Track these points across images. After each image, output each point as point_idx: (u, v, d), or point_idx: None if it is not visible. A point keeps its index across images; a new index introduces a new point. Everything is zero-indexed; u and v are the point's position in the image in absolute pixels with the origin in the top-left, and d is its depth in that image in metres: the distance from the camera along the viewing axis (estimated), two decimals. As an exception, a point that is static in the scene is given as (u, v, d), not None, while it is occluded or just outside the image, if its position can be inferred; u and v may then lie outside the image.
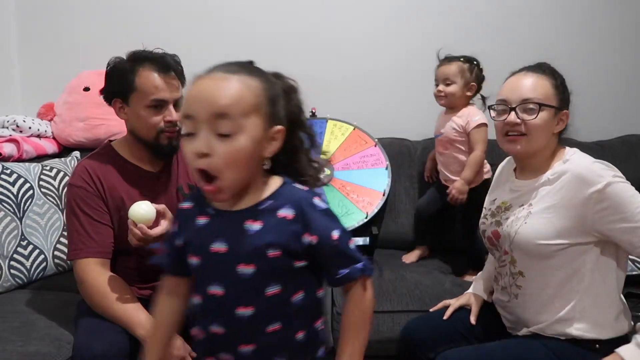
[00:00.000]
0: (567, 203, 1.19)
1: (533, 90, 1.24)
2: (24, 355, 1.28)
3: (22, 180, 1.82)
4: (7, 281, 1.71)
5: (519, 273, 1.29)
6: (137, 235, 1.26)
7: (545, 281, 1.24)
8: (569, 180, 1.20)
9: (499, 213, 1.35)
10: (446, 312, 1.43)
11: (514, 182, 1.34)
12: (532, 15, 2.38)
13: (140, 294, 1.44)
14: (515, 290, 1.31)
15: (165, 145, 1.43)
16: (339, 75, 2.45)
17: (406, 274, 1.81)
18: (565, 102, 1.27)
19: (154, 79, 1.38)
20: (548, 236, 1.20)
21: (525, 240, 1.23)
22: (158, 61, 1.40)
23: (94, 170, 1.43)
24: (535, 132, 1.23)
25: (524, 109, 1.23)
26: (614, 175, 1.16)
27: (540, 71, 1.27)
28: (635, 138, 2.26)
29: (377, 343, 1.59)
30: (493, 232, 1.35)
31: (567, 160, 1.24)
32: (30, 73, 2.46)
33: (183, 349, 1.30)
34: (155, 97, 1.38)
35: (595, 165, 1.19)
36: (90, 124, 2.22)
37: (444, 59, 1.93)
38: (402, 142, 2.29)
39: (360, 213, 2.04)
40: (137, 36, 2.36)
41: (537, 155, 1.27)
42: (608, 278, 1.24)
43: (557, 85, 1.26)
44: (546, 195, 1.23)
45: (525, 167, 1.32)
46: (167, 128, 1.41)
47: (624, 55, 2.40)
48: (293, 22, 2.42)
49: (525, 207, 1.26)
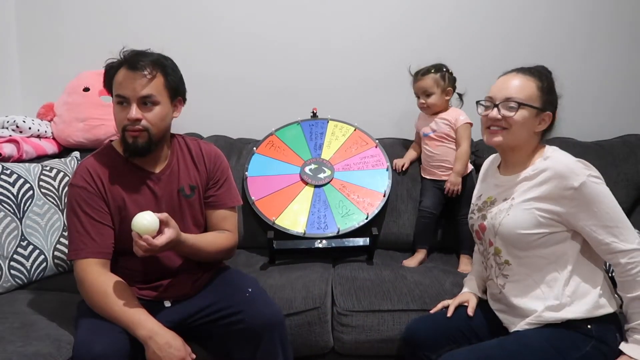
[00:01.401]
0: (546, 196, 1.28)
1: (517, 90, 1.32)
2: (24, 356, 1.27)
3: (22, 180, 1.82)
4: (7, 281, 1.71)
5: (505, 262, 1.37)
6: (143, 247, 1.26)
7: (531, 268, 1.32)
8: (548, 176, 1.28)
9: (485, 207, 1.43)
10: (448, 310, 1.47)
11: (498, 178, 1.43)
12: (532, 17, 2.38)
13: (140, 294, 1.44)
14: (502, 280, 1.38)
15: (130, 144, 1.41)
16: (340, 76, 2.46)
17: (406, 273, 1.81)
18: (548, 105, 1.34)
19: (120, 75, 1.40)
20: (529, 226, 1.29)
21: (507, 231, 1.32)
22: (130, 58, 1.41)
23: (95, 170, 1.43)
24: (515, 127, 1.32)
25: (506, 106, 1.32)
26: (589, 175, 1.25)
27: (528, 73, 1.35)
28: (635, 138, 2.26)
29: (378, 342, 1.60)
30: (480, 225, 1.42)
31: (547, 158, 1.32)
32: (30, 73, 2.46)
33: (183, 350, 1.30)
34: (117, 93, 1.40)
35: (574, 164, 1.28)
36: (90, 124, 2.22)
37: (416, 75, 2.08)
38: (403, 143, 2.29)
39: (360, 214, 2.04)
40: (137, 37, 2.37)
41: (518, 151, 1.36)
42: (592, 260, 1.31)
43: (542, 88, 1.33)
44: (527, 189, 1.32)
45: (508, 163, 1.41)
46: (130, 126, 1.39)
47: (624, 55, 2.40)
48: (295, 24, 2.42)
49: (508, 201, 1.35)
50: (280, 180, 2.13)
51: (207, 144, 1.62)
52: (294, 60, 2.45)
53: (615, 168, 2.14)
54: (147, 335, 1.27)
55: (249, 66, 2.45)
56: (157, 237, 1.28)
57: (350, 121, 2.30)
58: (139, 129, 1.39)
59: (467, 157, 2.04)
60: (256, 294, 1.47)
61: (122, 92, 1.38)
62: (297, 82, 2.46)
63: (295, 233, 1.99)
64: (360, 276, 1.80)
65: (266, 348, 1.38)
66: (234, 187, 1.63)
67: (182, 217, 1.51)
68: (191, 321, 1.45)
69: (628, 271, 1.24)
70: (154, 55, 1.44)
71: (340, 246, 1.97)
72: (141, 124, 1.39)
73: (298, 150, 2.21)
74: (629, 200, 2.13)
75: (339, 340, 1.63)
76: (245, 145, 2.31)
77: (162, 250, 1.30)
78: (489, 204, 1.42)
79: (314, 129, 2.27)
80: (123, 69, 1.39)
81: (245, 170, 2.15)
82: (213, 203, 1.57)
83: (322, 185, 2.11)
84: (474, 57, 2.38)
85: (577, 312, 1.27)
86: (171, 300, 1.48)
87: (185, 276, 1.51)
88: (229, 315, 1.41)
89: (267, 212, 2.04)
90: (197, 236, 1.48)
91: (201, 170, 1.56)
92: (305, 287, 1.69)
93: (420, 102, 2.08)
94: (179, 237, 1.34)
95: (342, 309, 1.63)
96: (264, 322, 1.39)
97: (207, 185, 1.57)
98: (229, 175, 1.63)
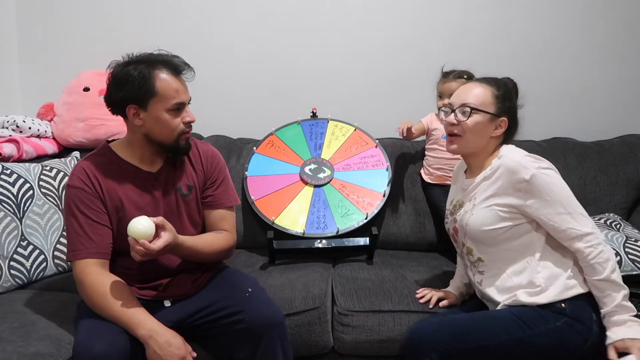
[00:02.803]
0: (502, 192, 1.37)
1: (472, 97, 1.43)
2: (24, 356, 1.28)
3: (22, 180, 1.82)
4: (7, 281, 1.71)
5: (478, 260, 1.46)
6: (141, 252, 1.27)
7: (502, 262, 1.41)
8: (501, 172, 1.37)
9: (455, 211, 1.52)
10: (430, 302, 1.60)
11: (463, 182, 1.52)
12: (533, 17, 2.38)
13: (140, 294, 1.44)
14: (479, 277, 1.47)
15: (184, 146, 1.47)
16: (340, 76, 2.46)
17: (407, 273, 1.82)
18: (504, 111, 1.43)
19: (173, 82, 1.40)
20: (491, 222, 1.38)
21: (473, 230, 1.41)
22: (171, 64, 1.41)
23: (92, 171, 1.42)
24: (468, 133, 1.42)
25: (461, 111, 1.43)
26: (538, 167, 1.34)
27: (485, 82, 1.46)
28: (635, 138, 2.26)
29: (378, 342, 1.59)
30: (453, 228, 1.53)
31: (501, 156, 1.41)
32: (30, 73, 2.46)
33: (184, 348, 1.30)
34: (177, 101, 1.40)
35: (524, 159, 1.36)
36: (90, 124, 2.23)
37: (448, 75, 2.06)
38: (402, 143, 2.29)
39: (360, 214, 2.04)
40: (137, 37, 2.39)
41: (477, 155, 1.47)
42: (560, 247, 1.38)
43: (497, 95, 1.43)
44: (486, 188, 1.41)
45: (471, 167, 1.51)
46: (187, 129, 1.45)
47: (624, 56, 2.40)
48: (296, 24, 2.42)
49: (472, 202, 1.44)
50: (280, 180, 2.13)
51: (204, 143, 1.63)
52: (294, 60, 2.45)
53: (615, 168, 2.14)
54: (147, 335, 1.27)
55: (249, 66, 2.45)
56: (154, 242, 1.28)
57: (350, 121, 2.30)
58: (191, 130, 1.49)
59: None
60: (256, 294, 1.47)
61: (181, 99, 1.42)
62: (297, 82, 2.46)
63: (295, 233, 1.99)
64: (360, 276, 1.80)
65: (266, 348, 1.38)
66: (231, 187, 1.63)
67: (180, 217, 1.51)
68: (191, 321, 1.44)
69: (587, 255, 1.31)
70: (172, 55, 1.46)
71: (340, 246, 1.97)
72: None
73: (298, 150, 2.21)
74: (629, 200, 2.13)
75: (339, 340, 1.63)
76: (245, 145, 2.31)
77: (159, 254, 1.30)
78: (458, 207, 1.51)
79: (314, 129, 2.27)
80: (170, 76, 1.40)
81: (245, 170, 2.15)
82: (211, 203, 1.57)
83: (321, 185, 2.11)
84: (476, 60, 2.37)
85: (549, 297, 1.34)
86: (171, 300, 1.48)
87: (184, 276, 1.51)
88: (229, 315, 1.41)
89: (267, 211, 2.04)
90: (195, 238, 1.48)
91: (198, 170, 1.56)
92: (305, 287, 1.69)
93: (443, 102, 1.98)
94: (176, 240, 1.34)
95: (343, 309, 1.63)
96: (264, 322, 1.38)
97: (204, 185, 1.57)
98: (227, 174, 1.63)
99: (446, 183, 2.07)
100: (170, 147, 1.45)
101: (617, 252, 1.73)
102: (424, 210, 2.14)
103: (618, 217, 2.03)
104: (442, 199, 2.05)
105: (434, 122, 2.12)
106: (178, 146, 1.46)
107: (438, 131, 2.08)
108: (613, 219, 1.99)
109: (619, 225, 1.93)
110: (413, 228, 2.14)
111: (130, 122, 1.43)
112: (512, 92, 1.48)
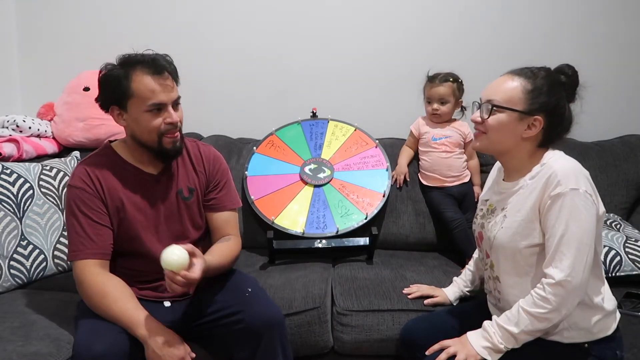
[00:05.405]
0: (533, 205, 1.21)
1: (498, 92, 1.25)
2: (24, 355, 1.28)
3: (22, 180, 1.82)
4: (7, 281, 1.71)
5: (496, 278, 1.33)
6: (181, 282, 1.24)
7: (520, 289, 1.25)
8: (539, 181, 1.21)
9: (486, 215, 1.38)
10: (413, 295, 1.62)
11: (500, 184, 1.36)
12: (534, 18, 2.38)
13: (140, 294, 1.44)
14: (497, 295, 1.35)
15: (170, 149, 1.42)
16: (341, 76, 2.46)
17: (406, 273, 1.81)
18: (537, 109, 1.23)
19: (149, 82, 1.35)
20: (520, 238, 1.23)
21: (501, 245, 1.27)
22: (150, 64, 1.37)
23: (93, 171, 1.42)
24: (491, 132, 1.26)
25: (485, 108, 1.26)
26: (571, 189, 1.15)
27: (520, 74, 1.26)
28: (635, 138, 2.26)
29: (378, 342, 1.60)
30: (479, 233, 1.41)
31: (544, 164, 1.24)
32: (30, 73, 2.46)
33: (183, 349, 1.30)
34: (153, 102, 1.36)
35: (571, 170, 1.19)
36: (90, 124, 2.23)
37: (434, 79, 2.05)
38: (403, 143, 2.29)
39: (360, 214, 2.04)
40: (137, 37, 2.39)
41: (510, 156, 1.29)
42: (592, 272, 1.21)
43: (528, 91, 1.23)
44: (521, 200, 1.25)
45: (507, 169, 1.34)
46: (168, 130, 1.40)
47: (624, 56, 2.40)
48: (296, 24, 2.42)
49: (503, 211, 1.30)
50: (280, 180, 2.13)
51: (206, 145, 1.62)
52: (294, 60, 2.45)
53: (615, 168, 2.14)
54: (146, 335, 1.27)
55: (249, 66, 2.45)
56: (192, 270, 1.26)
57: (351, 121, 2.30)
58: (177, 131, 1.42)
59: (479, 169, 2.13)
60: (256, 294, 1.47)
61: (159, 100, 1.36)
62: (297, 82, 2.46)
63: (294, 233, 1.99)
64: (360, 276, 1.80)
65: (266, 348, 1.38)
66: (233, 189, 1.63)
67: (181, 219, 1.51)
68: (191, 321, 1.45)
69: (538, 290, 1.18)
70: (157, 55, 1.42)
71: (340, 246, 1.97)
72: (177, 125, 1.42)
73: (298, 150, 2.21)
74: (629, 200, 2.13)
75: (339, 340, 1.63)
76: (245, 145, 2.31)
77: (199, 280, 1.28)
78: (490, 212, 1.37)
79: (314, 129, 2.27)
80: (147, 76, 1.35)
81: (245, 170, 2.15)
82: (214, 206, 1.57)
83: (321, 185, 2.11)
84: (476, 64, 2.37)
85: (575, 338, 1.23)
86: (171, 300, 1.48)
87: (184, 276, 1.51)
88: (229, 315, 1.41)
89: (267, 211, 2.04)
90: (214, 254, 1.46)
91: (200, 173, 1.55)
92: (305, 287, 1.69)
93: (433, 107, 2.05)
94: (206, 263, 1.33)
95: (342, 309, 1.63)
96: (263, 322, 1.38)
97: (206, 188, 1.57)
98: (229, 177, 1.62)
99: (444, 185, 2.08)
100: (155, 149, 1.42)
101: (617, 252, 1.73)
102: (424, 210, 2.14)
103: (618, 217, 2.03)
104: (442, 202, 2.06)
105: (422, 127, 2.13)
106: (163, 148, 1.41)
107: (428, 134, 2.10)
108: (613, 219, 1.99)
109: (619, 225, 1.93)
110: (413, 228, 2.14)
111: (118, 123, 1.44)
112: (555, 85, 1.25)
